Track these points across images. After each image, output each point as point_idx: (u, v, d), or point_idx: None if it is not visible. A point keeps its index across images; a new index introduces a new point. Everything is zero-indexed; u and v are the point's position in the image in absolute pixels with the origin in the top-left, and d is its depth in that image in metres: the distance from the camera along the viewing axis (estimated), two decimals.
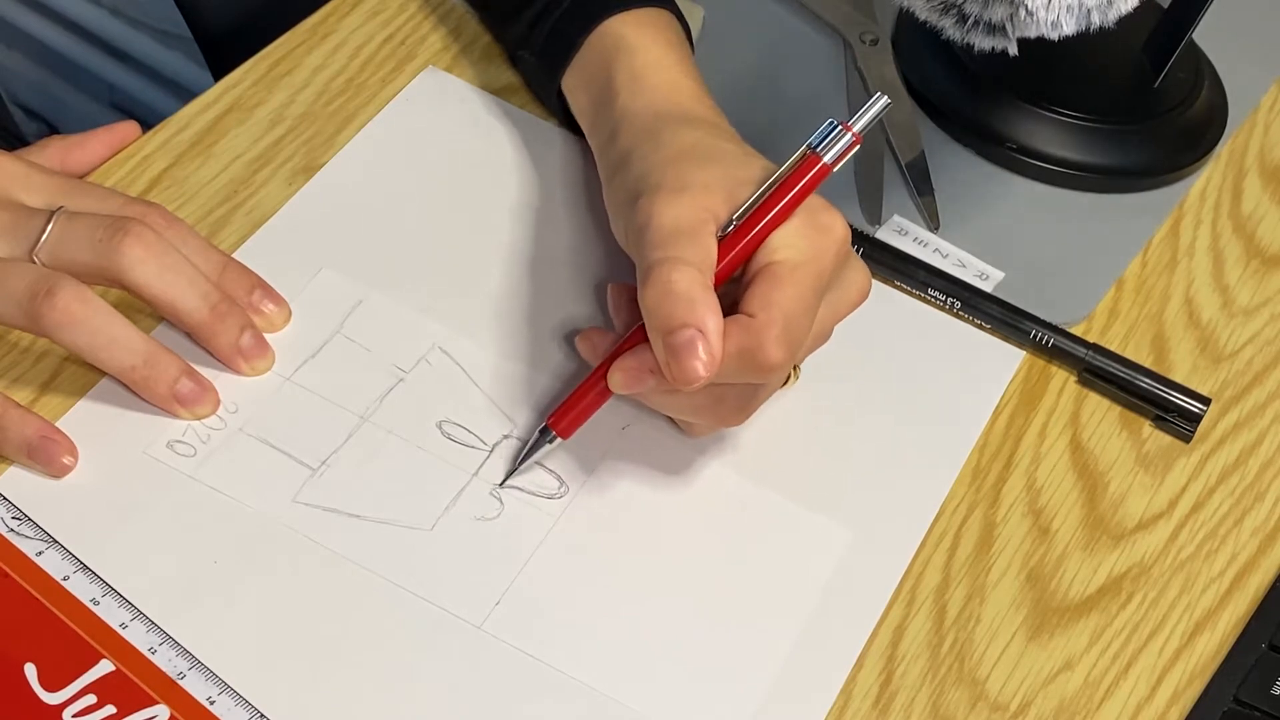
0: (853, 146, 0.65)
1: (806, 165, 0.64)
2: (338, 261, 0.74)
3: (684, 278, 0.62)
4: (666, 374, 0.62)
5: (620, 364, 0.64)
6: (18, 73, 1.34)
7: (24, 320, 0.65)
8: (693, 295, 0.61)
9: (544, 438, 0.67)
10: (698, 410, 0.66)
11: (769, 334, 0.62)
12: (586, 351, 0.70)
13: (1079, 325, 0.78)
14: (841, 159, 0.64)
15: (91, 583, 0.63)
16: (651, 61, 0.73)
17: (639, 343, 0.64)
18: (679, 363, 0.61)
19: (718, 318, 0.61)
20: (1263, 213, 0.85)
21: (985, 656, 0.67)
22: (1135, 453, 0.74)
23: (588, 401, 0.67)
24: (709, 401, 0.66)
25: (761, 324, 0.62)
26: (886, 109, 0.65)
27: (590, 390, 0.66)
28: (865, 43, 0.87)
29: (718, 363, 0.61)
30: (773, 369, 0.62)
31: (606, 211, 0.71)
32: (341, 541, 0.65)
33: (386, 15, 0.85)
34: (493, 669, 0.63)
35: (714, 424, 0.68)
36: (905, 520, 0.70)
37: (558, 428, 0.67)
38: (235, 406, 0.68)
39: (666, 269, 0.62)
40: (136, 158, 0.77)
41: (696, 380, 0.61)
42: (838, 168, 0.65)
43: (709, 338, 0.61)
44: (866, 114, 0.65)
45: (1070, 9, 0.69)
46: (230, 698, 0.61)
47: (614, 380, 0.65)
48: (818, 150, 0.64)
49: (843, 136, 0.64)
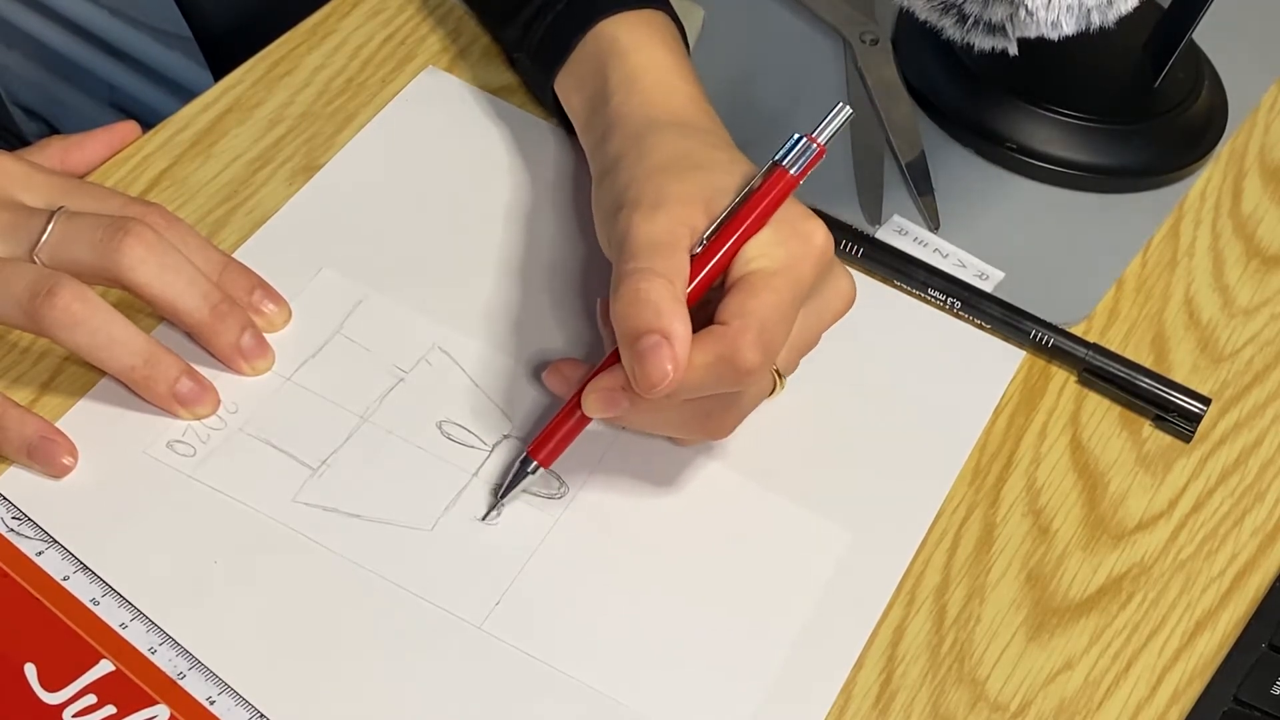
0: (818, 157, 0.66)
1: (774, 178, 0.65)
2: (338, 261, 0.74)
3: (653, 287, 0.62)
4: (633, 381, 0.62)
5: (594, 385, 0.64)
6: (18, 73, 1.34)
7: (24, 320, 0.65)
8: (660, 304, 0.62)
9: (525, 468, 0.67)
10: (682, 425, 0.66)
11: (744, 339, 0.62)
12: (556, 384, 0.69)
13: (1079, 325, 0.78)
14: (807, 170, 0.66)
15: (91, 583, 0.63)
16: (645, 63, 0.73)
17: (614, 365, 0.64)
18: (643, 367, 0.61)
19: (685, 326, 0.62)
20: (1263, 213, 0.85)
21: (985, 656, 0.67)
22: (1135, 453, 0.74)
23: (567, 429, 0.66)
24: (691, 416, 0.66)
25: (736, 330, 0.62)
26: (849, 119, 0.66)
27: (569, 418, 0.66)
28: (865, 43, 0.87)
29: (683, 368, 0.61)
30: (749, 373, 0.62)
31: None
32: (341, 541, 0.65)
33: (386, 15, 0.85)
34: (493, 669, 0.63)
35: (700, 438, 0.68)
36: (905, 520, 0.70)
37: (538, 457, 0.67)
38: (235, 406, 0.68)
39: (636, 279, 0.63)
40: (136, 158, 0.77)
41: (661, 384, 0.61)
42: (804, 179, 0.66)
43: (674, 344, 0.61)
44: (830, 125, 0.66)
45: (1070, 9, 0.69)
46: (230, 698, 0.61)
47: (589, 403, 0.65)
48: (783, 164, 0.65)
49: (808, 148, 0.65)
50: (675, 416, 0.66)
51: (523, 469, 0.67)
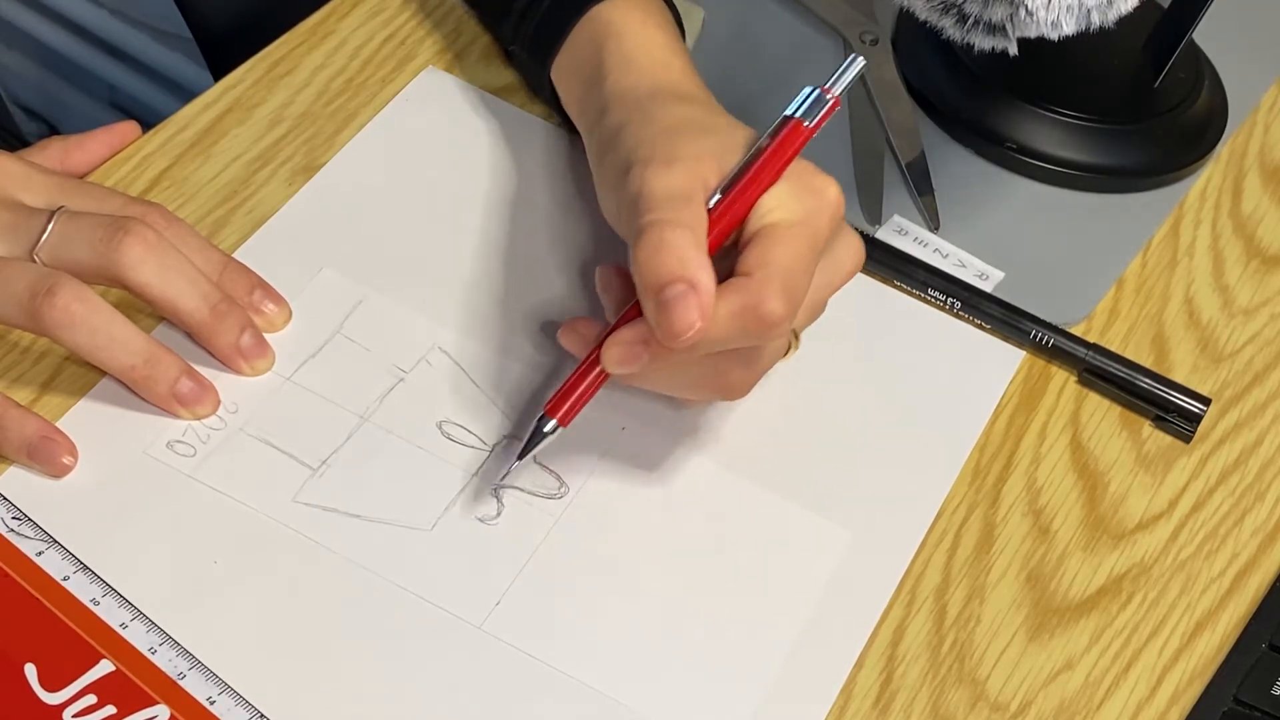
0: (832, 108, 0.66)
1: (790, 132, 0.65)
2: (338, 261, 0.74)
3: (675, 235, 0.61)
4: (657, 332, 0.61)
5: (615, 338, 0.63)
6: (18, 73, 1.34)
7: (24, 320, 0.65)
8: (684, 252, 0.61)
9: (542, 427, 0.65)
10: (699, 384, 0.66)
11: (768, 289, 0.61)
12: (571, 343, 0.68)
13: (1079, 325, 0.78)
14: (821, 122, 0.65)
15: (91, 583, 0.63)
16: (641, 43, 0.73)
17: (632, 319, 0.63)
18: (669, 317, 0.60)
19: (710, 275, 0.61)
20: (1263, 213, 0.85)
21: (985, 656, 0.67)
22: (1135, 453, 0.74)
23: (585, 386, 0.65)
24: (709, 374, 0.65)
25: (760, 280, 0.61)
26: (864, 70, 0.66)
27: (587, 374, 0.65)
28: (865, 43, 0.87)
29: (709, 317, 0.60)
30: (775, 324, 0.61)
31: (596, 195, 0.71)
32: (341, 541, 0.65)
33: (386, 15, 0.85)
34: (493, 669, 0.63)
35: (715, 396, 0.67)
36: (905, 520, 0.70)
37: (556, 415, 0.65)
38: (235, 406, 0.68)
39: (659, 229, 0.62)
40: (136, 158, 0.77)
41: (688, 333, 0.60)
42: (818, 131, 0.66)
43: (700, 293, 0.60)
44: (843, 77, 0.66)
45: (1070, 9, 0.69)
46: (230, 698, 0.61)
47: (609, 356, 0.63)
48: (797, 116, 0.65)
49: (822, 100, 0.65)
50: (693, 374, 0.65)
51: (539, 428, 0.65)
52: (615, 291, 0.67)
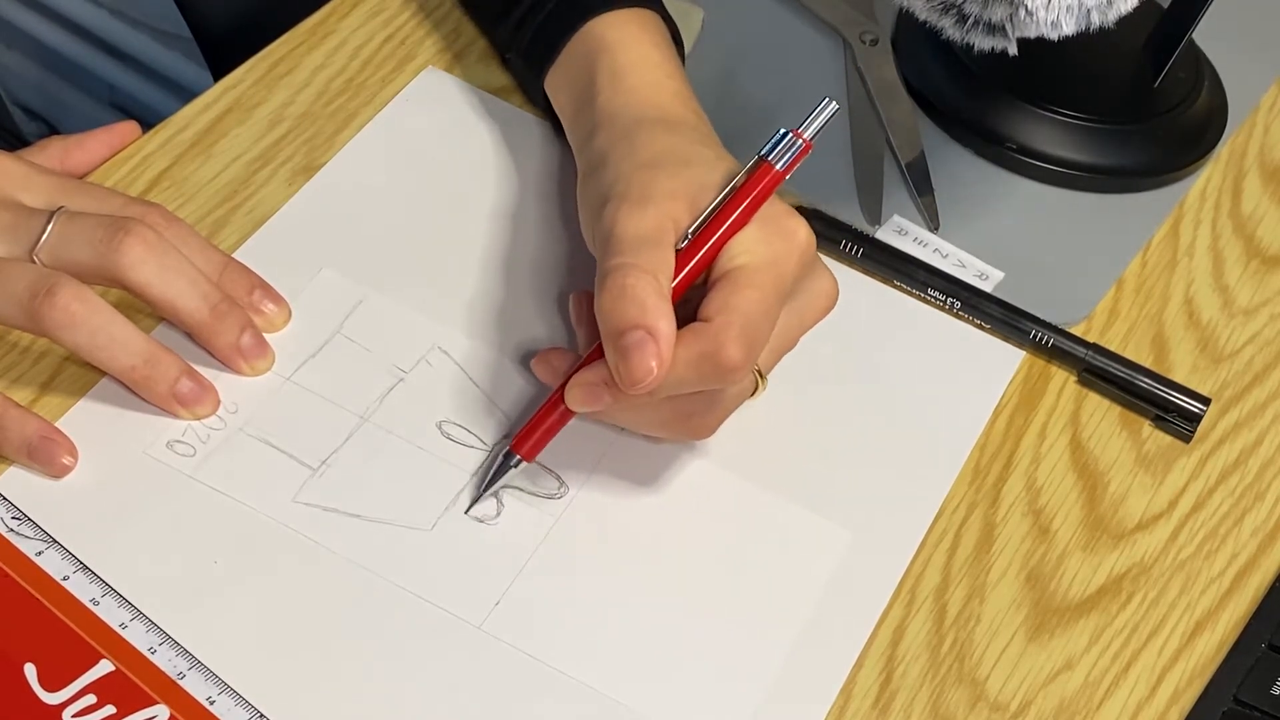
0: (804, 152, 0.65)
1: (760, 173, 0.65)
2: (338, 261, 0.74)
3: (638, 282, 0.62)
4: (616, 378, 0.62)
5: (577, 379, 0.64)
6: (18, 73, 1.34)
7: (24, 320, 0.65)
8: (645, 299, 0.62)
9: (508, 461, 0.67)
10: (664, 424, 0.66)
11: (727, 335, 0.62)
12: (544, 373, 0.69)
13: (1079, 325, 0.78)
14: (793, 166, 0.65)
15: (91, 583, 0.63)
16: (633, 60, 0.73)
17: (598, 360, 0.64)
18: (628, 364, 0.61)
19: (670, 323, 0.62)
20: (1263, 213, 0.85)
21: (985, 656, 0.67)
22: (1135, 453, 0.74)
23: (550, 423, 0.66)
24: (673, 415, 0.66)
25: (719, 326, 0.62)
26: (835, 114, 0.66)
27: (551, 411, 0.66)
28: (865, 43, 0.87)
29: (666, 365, 0.61)
30: (732, 370, 0.62)
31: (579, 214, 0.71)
32: (341, 541, 0.65)
33: (386, 15, 0.85)
34: (493, 669, 0.63)
35: (682, 437, 0.68)
36: (905, 520, 0.70)
37: (521, 451, 0.67)
38: (235, 406, 0.68)
39: (621, 274, 0.62)
40: (136, 158, 0.77)
41: (646, 381, 0.61)
42: (789, 174, 0.65)
43: (659, 340, 0.61)
44: (815, 120, 0.66)
45: (1070, 9, 0.69)
46: (230, 698, 0.61)
47: (572, 397, 0.65)
48: (769, 158, 0.65)
49: (794, 144, 0.65)
50: (656, 415, 0.66)
51: (505, 462, 0.67)
52: (586, 326, 0.68)
